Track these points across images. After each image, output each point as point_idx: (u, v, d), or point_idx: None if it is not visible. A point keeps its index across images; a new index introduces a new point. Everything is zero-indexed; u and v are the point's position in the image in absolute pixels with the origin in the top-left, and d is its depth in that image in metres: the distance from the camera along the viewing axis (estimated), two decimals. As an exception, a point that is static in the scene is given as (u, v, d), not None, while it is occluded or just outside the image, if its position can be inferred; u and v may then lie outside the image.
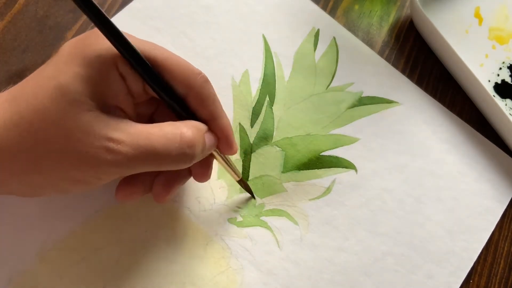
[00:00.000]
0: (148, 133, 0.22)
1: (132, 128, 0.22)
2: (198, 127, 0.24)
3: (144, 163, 0.22)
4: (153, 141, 0.21)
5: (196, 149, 0.23)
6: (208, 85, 0.24)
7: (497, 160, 0.34)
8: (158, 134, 0.22)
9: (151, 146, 0.21)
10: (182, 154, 0.22)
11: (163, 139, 0.22)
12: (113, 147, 0.20)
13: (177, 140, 0.22)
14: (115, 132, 0.21)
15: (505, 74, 0.37)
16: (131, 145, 0.21)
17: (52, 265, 0.26)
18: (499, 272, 0.32)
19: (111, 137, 0.21)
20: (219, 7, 0.34)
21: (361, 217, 0.31)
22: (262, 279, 0.29)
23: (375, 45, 0.36)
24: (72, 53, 0.21)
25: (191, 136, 0.23)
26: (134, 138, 0.21)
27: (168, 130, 0.22)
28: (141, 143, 0.21)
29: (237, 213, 0.30)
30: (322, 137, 0.32)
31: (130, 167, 0.21)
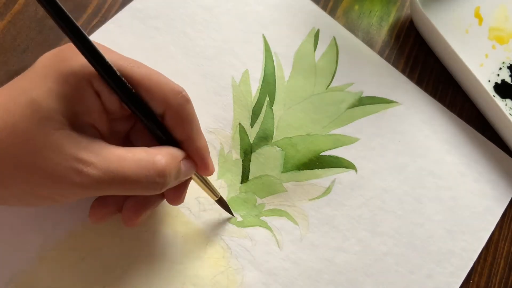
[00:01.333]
0: (120, 158, 0.21)
1: (104, 151, 0.21)
2: (174, 155, 0.23)
3: (112, 187, 0.21)
4: (125, 167, 0.21)
5: (167, 178, 0.22)
6: (188, 105, 0.24)
7: (497, 160, 0.34)
8: (131, 160, 0.21)
9: (122, 172, 0.21)
10: (152, 183, 0.22)
11: (135, 166, 0.21)
12: (81, 168, 0.20)
13: (149, 168, 0.21)
14: (85, 153, 0.20)
15: (505, 74, 0.37)
16: (101, 168, 0.20)
17: (52, 265, 0.26)
18: (499, 272, 0.32)
19: (81, 158, 0.20)
20: (219, 7, 0.34)
21: (361, 217, 0.31)
22: (262, 279, 0.29)
23: (375, 45, 0.36)
24: (47, 67, 0.21)
25: (164, 165, 0.22)
26: (105, 161, 0.20)
27: (142, 157, 0.21)
28: (112, 168, 0.20)
29: (237, 213, 0.30)
30: (322, 137, 0.32)
31: (98, 190, 0.21)
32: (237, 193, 0.30)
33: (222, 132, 0.31)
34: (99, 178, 0.20)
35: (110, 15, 0.33)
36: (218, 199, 0.28)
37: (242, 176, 0.31)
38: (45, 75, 0.21)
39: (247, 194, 0.30)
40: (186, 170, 0.24)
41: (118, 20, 0.32)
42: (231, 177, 0.30)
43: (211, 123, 0.31)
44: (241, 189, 0.30)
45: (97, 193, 0.22)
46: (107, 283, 0.27)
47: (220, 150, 0.31)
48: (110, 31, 0.32)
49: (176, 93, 0.23)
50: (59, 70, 0.21)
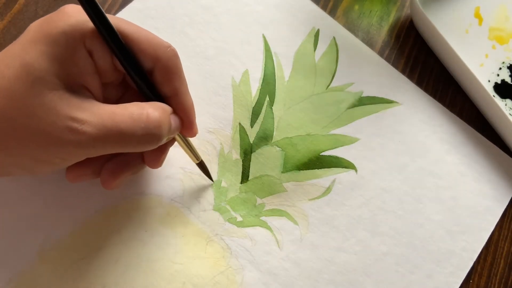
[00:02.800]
0: (112, 113, 0.21)
1: (96, 108, 0.21)
2: (164, 108, 0.23)
3: (109, 144, 0.21)
4: (118, 121, 0.21)
5: (162, 130, 0.23)
6: (176, 59, 0.24)
7: (497, 160, 0.34)
8: (124, 114, 0.21)
9: (116, 126, 0.21)
10: (149, 135, 0.22)
11: (128, 119, 0.21)
12: (76, 127, 0.20)
13: (143, 120, 0.22)
14: (78, 111, 0.20)
15: (505, 74, 0.37)
16: (95, 125, 0.20)
17: (52, 265, 0.26)
18: (499, 272, 0.32)
19: (74, 117, 0.20)
20: (219, 7, 0.34)
21: (361, 217, 0.31)
22: (262, 279, 0.29)
23: (375, 45, 0.36)
24: (37, 32, 0.21)
25: (158, 117, 0.22)
26: (99, 118, 0.21)
27: (134, 110, 0.22)
28: (106, 123, 0.21)
29: (237, 213, 0.30)
30: (322, 137, 0.32)
31: (95, 147, 0.21)
32: (237, 193, 0.30)
33: (222, 132, 0.31)
34: (95, 135, 0.20)
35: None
36: (199, 163, 0.28)
37: (242, 176, 0.31)
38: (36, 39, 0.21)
39: (247, 194, 0.30)
40: (175, 126, 0.24)
41: (118, 20, 0.32)
42: (231, 177, 0.30)
43: (211, 123, 0.31)
44: (241, 189, 0.30)
45: (94, 152, 0.22)
46: (107, 283, 0.27)
47: (220, 150, 0.31)
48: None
49: (165, 47, 0.24)
50: (49, 32, 0.21)
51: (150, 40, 0.23)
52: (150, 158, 0.26)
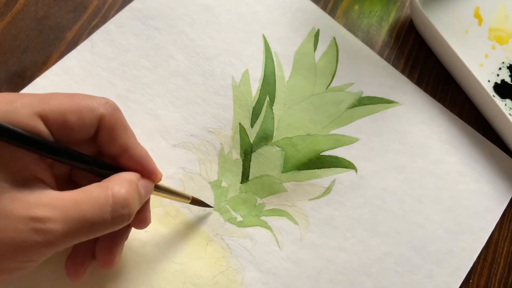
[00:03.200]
0: (75, 202, 0.19)
1: (56, 200, 0.19)
2: (130, 180, 0.22)
3: (79, 235, 0.20)
4: (83, 210, 0.19)
5: (131, 207, 0.21)
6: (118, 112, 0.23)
7: (497, 160, 0.34)
8: (87, 201, 0.20)
9: (82, 216, 0.19)
10: (118, 217, 0.20)
11: (94, 205, 0.20)
12: (40, 227, 0.18)
13: (109, 203, 0.20)
14: (38, 209, 0.19)
15: (505, 74, 0.37)
16: (61, 220, 0.19)
17: (53, 265, 0.26)
18: (499, 272, 0.32)
19: (35, 216, 0.18)
20: (219, 7, 0.34)
21: (361, 217, 0.31)
22: (262, 279, 0.29)
23: (375, 45, 0.36)
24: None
25: (124, 194, 0.21)
26: (62, 212, 0.19)
27: (97, 194, 0.20)
28: (71, 216, 0.19)
29: (237, 213, 0.30)
30: (322, 137, 0.32)
31: (64, 242, 0.19)
32: (237, 193, 0.30)
33: (222, 132, 0.31)
34: (62, 231, 0.19)
35: (110, 15, 0.33)
36: (191, 201, 0.27)
37: (242, 176, 0.31)
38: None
39: (247, 194, 0.30)
40: (146, 191, 0.23)
41: (118, 20, 0.32)
42: (231, 177, 0.30)
43: (211, 123, 0.31)
44: (241, 189, 0.30)
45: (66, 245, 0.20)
46: (107, 283, 0.27)
47: (220, 150, 0.31)
48: (110, 31, 0.32)
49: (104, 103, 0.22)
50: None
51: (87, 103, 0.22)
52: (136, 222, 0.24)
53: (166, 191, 0.26)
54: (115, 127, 0.22)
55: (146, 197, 0.23)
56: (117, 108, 0.23)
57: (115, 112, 0.23)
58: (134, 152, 0.23)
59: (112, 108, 0.22)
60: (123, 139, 0.23)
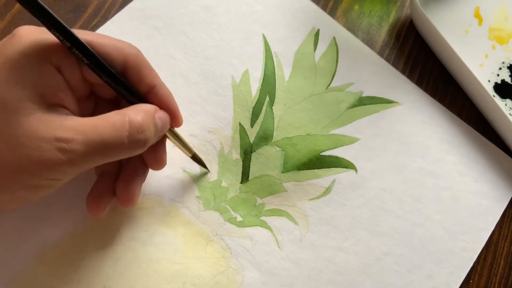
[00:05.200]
0: (95, 126, 0.21)
1: (78, 124, 0.21)
2: (147, 110, 0.23)
3: (98, 156, 0.21)
4: (102, 133, 0.21)
5: (147, 133, 0.23)
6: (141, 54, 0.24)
7: (496, 160, 0.34)
8: (105, 125, 0.21)
9: (101, 138, 0.21)
10: (134, 142, 0.22)
11: (111, 129, 0.21)
12: (64, 146, 0.20)
13: (125, 127, 0.22)
14: (62, 131, 0.20)
15: (505, 74, 0.37)
16: (82, 141, 0.20)
17: (52, 265, 0.26)
18: (499, 272, 0.32)
19: (60, 137, 0.20)
20: (219, 7, 0.34)
21: (361, 217, 0.31)
22: (262, 279, 0.29)
23: (375, 45, 0.36)
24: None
25: (140, 121, 0.22)
26: (83, 134, 0.21)
27: (115, 119, 0.22)
28: (91, 138, 0.21)
29: (237, 213, 0.30)
30: (322, 137, 0.32)
31: (86, 163, 0.21)
32: (237, 193, 0.30)
33: (222, 132, 0.31)
34: (83, 151, 0.20)
35: (110, 15, 0.33)
36: (192, 155, 0.28)
37: (242, 176, 0.31)
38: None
39: (247, 194, 0.30)
40: (163, 123, 0.24)
41: (118, 20, 0.32)
42: (231, 177, 0.30)
43: (211, 123, 0.31)
44: (241, 189, 0.30)
45: (86, 166, 0.22)
46: (107, 283, 0.27)
47: (220, 150, 0.31)
48: (110, 31, 0.32)
49: (128, 45, 0.24)
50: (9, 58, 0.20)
51: (114, 43, 0.23)
52: (151, 161, 0.26)
53: (176, 136, 0.27)
54: (141, 66, 0.24)
55: (162, 131, 0.25)
56: (140, 51, 0.24)
57: (139, 53, 0.24)
58: (159, 91, 0.25)
59: (136, 50, 0.24)
60: (149, 78, 0.24)
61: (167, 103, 0.25)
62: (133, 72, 0.24)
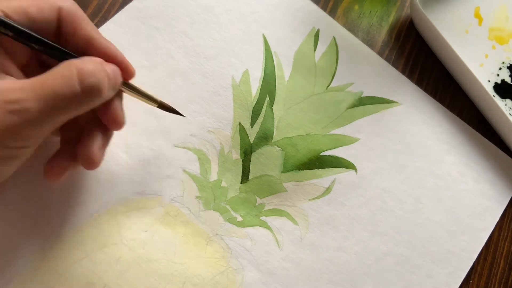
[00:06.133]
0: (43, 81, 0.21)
1: (26, 84, 0.20)
2: (93, 59, 0.23)
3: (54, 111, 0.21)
4: (52, 85, 0.20)
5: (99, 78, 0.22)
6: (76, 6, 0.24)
7: (496, 160, 0.34)
8: (54, 77, 0.21)
9: (52, 91, 0.20)
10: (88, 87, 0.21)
11: (59, 80, 0.21)
12: (16, 107, 0.20)
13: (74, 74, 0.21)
14: (11, 93, 0.20)
15: (505, 74, 0.37)
16: (33, 98, 0.20)
17: (53, 264, 0.26)
18: (499, 272, 0.32)
19: (9, 99, 0.20)
20: (219, 7, 0.34)
21: (361, 217, 0.31)
22: (262, 279, 0.29)
23: (375, 45, 0.36)
24: None
25: (90, 67, 0.21)
26: (33, 91, 0.20)
27: (63, 70, 0.21)
28: (41, 93, 0.20)
29: (237, 213, 0.30)
30: (322, 137, 0.32)
31: (43, 121, 0.21)
32: (237, 193, 0.30)
33: (222, 132, 0.31)
34: (37, 108, 0.20)
35: (110, 15, 0.33)
36: (158, 105, 0.28)
37: (242, 176, 0.31)
38: None
39: (247, 194, 0.30)
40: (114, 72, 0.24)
41: (118, 20, 0.32)
42: (231, 177, 0.30)
43: (211, 123, 0.31)
44: (241, 189, 0.30)
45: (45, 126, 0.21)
46: (107, 283, 0.27)
47: (220, 150, 0.31)
48: (110, 30, 0.32)
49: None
50: None
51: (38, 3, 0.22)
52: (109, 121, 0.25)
53: (134, 89, 0.26)
54: (75, 18, 0.23)
55: (116, 82, 0.24)
56: (75, 3, 0.24)
57: (73, 5, 0.23)
58: (99, 44, 0.24)
59: (69, 1, 0.23)
60: (85, 30, 0.24)
61: (111, 54, 0.24)
62: (68, 25, 0.23)
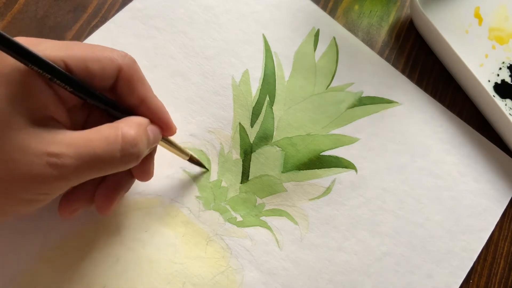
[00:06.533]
0: (87, 140, 0.21)
1: (70, 138, 0.21)
2: (139, 123, 0.23)
3: (89, 171, 0.21)
4: (95, 147, 0.21)
5: (140, 147, 0.22)
6: (135, 65, 0.24)
7: (496, 160, 0.34)
8: (98, 139, 0.21)
9: (93, 153, 0.21)
10: (127, 156, 0.22)
11: (104, 143, 0.21)
12: (55, 161, 0.20)
13: (118, 141, 0.21)
14: (53, 145, 0.20)
15: (505, 74, 0.37)
16: (73, 156, 0.20)
17: (52, 264, 0.26)
18: (499, 272, 0.32)
19: (51, 152, 0.20)
20: (219, 7, 0.34)
21: (361, 217, 0.31)
22: (262, 279, 0.29)
23: (375, 45, 0.36)
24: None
25: (134, 135, 0.22)
26: (75, 148, 0.20)
27: (108, 133, 0.21)
28: (83, 152, 0.20)
29: (237, 213, 0.30)
30: (322, 137, 0.32)
31: (77, 177, 0.21)
32: (237, 193, 0.30)
33: (222, 132, 0.31)
34: (75, 166, 0.20)
35: (110, 15, 0.33)
36: (189, 158, 0.28)
37: (242, 176, 0.31)
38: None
39: (247, 194, 0.30)
40: (154, 136, 0.24)
41: (118, 20, 0.32)
42: (231, 177, 0.30)
43: (211, 123, 0.31)
44: (241, 189, 0.30)
45: (77, 181, 0.21)
46: (107, 283, 0.27)
47: (220, 150, 0.31)
48: (110, 31, 0.32)
49: (122, 56, 0.23)
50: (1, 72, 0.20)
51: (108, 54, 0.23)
52: (139, 173, 0.26)
53: (170, 143, 0.27)
54: (133, 78, 0.24)
55: (154, 143, 0.24)
56: (135, 62, 0.24)
57: (133, 64, 0.24)
58: (150, 104, 0.24)
59: (130, 60, 0.24)
60: (141, 91, 0.24)
61: (159, 115, 0.25)
62: (125, 84, 0.24)
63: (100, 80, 0.23)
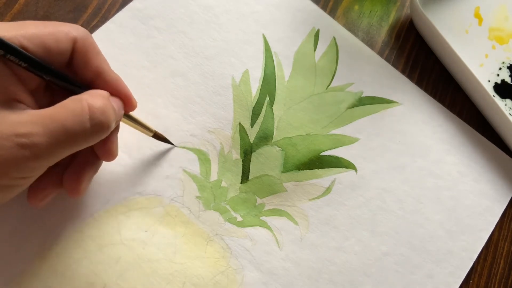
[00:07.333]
0: (54, 115, 0.21)
1: (36, 117, 0.20)
2: (101, 94, 0.23)
3: (62, 147, 0.21)
4: (63, 121, 0.21)
5: (108, 115, 0.22)
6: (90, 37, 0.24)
7: (496, 160, 0.34)
8: (65, 112, 0.21)
9: (62, 127, 0.20)
10: (98, 124, 0.22)
11: (70, 116, 0.21)
12: (25, 141, 0.20)
13: (86, 112, 0.21)
14: (21, 126, 0.20)
15: (505, 74, 0.37)
16: (43, 133, 0.20)
17: (52, 264, 0.26)
18: (499, 272, 0.32)
19: (19, 133, 0.20)
20: (219, 7, 0.34)
21: (361, 217, 0.31)
22: (262, 279, 0.29)
23: (375, 45, 0.36)
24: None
25: (100, 103, 0.22)
26: (44, 125, 0.20)
27: (73, 106, 0.21)
28: (52, 128, 0.20)
29: (237, 213, 0.30)
30: (322, 137, 0.32)
31: (51, 155, 0.21)
32: (237, 193, 0.30)
33: (222, 132, 0.31)
34: (46, 143, 0.20)
35: (110, 15, 0.33)
36: (153, 134, 0.28)
37: (242, 176, 0.31)
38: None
39: (247, 194, 0.30)
40: (118, 107, 0.24)
41: (118, 20, 0.32)
42: (231, 177, 0.30)
43: (211, 123, 0.31)
44: (241, 189, 0.30)
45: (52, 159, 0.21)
46: (107, 283, 0.27)
47: (220, 150, 0.31)
48: (110, 31, 0.32)
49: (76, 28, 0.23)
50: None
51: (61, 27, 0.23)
52: (103, 153, 0.25)
53: (133, 119, 0.27)
54: (88, 49, 0.23)
55: (119, 116, 0.24)
56: (89, 34, 0.24)
57: (87, 36, 0.24)
58: (107, 77, 0.24)
59: (84, 32, 0.24)
60: (96, 62, 0.24)
61: (118, 88, 0.25)
62: (80, 56, 0.23)
63: (57, 54, 0.22)
